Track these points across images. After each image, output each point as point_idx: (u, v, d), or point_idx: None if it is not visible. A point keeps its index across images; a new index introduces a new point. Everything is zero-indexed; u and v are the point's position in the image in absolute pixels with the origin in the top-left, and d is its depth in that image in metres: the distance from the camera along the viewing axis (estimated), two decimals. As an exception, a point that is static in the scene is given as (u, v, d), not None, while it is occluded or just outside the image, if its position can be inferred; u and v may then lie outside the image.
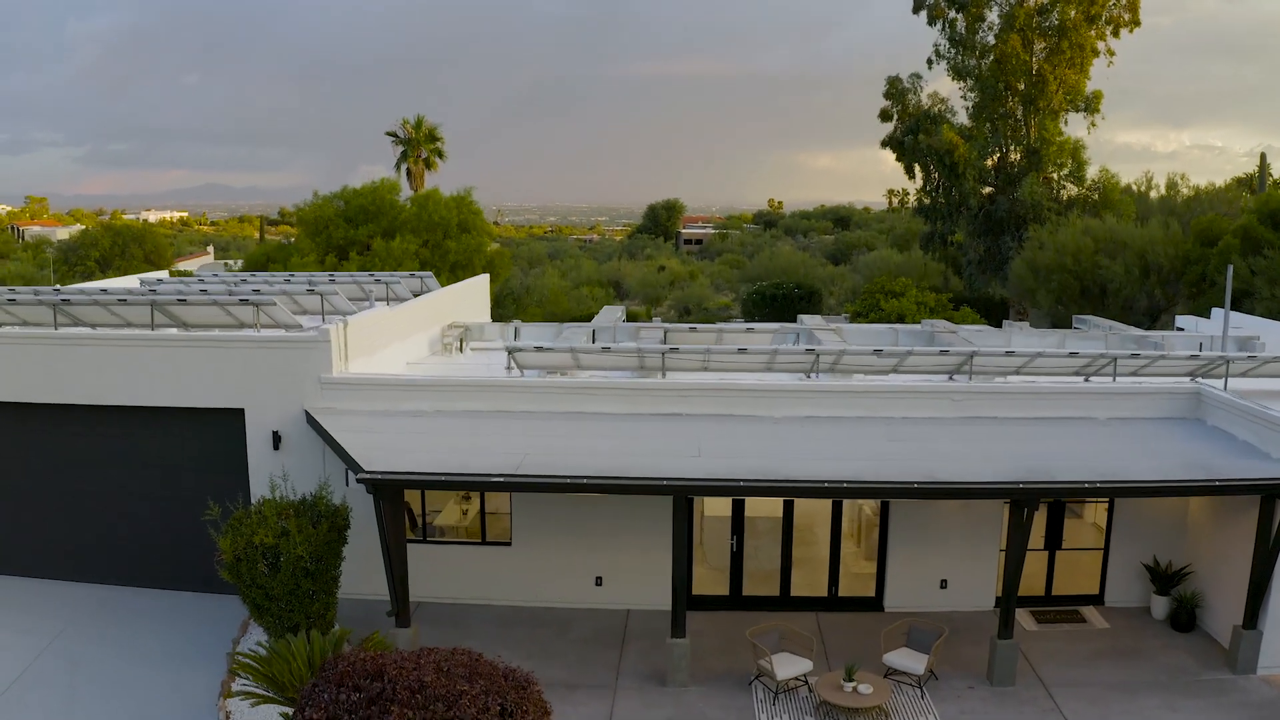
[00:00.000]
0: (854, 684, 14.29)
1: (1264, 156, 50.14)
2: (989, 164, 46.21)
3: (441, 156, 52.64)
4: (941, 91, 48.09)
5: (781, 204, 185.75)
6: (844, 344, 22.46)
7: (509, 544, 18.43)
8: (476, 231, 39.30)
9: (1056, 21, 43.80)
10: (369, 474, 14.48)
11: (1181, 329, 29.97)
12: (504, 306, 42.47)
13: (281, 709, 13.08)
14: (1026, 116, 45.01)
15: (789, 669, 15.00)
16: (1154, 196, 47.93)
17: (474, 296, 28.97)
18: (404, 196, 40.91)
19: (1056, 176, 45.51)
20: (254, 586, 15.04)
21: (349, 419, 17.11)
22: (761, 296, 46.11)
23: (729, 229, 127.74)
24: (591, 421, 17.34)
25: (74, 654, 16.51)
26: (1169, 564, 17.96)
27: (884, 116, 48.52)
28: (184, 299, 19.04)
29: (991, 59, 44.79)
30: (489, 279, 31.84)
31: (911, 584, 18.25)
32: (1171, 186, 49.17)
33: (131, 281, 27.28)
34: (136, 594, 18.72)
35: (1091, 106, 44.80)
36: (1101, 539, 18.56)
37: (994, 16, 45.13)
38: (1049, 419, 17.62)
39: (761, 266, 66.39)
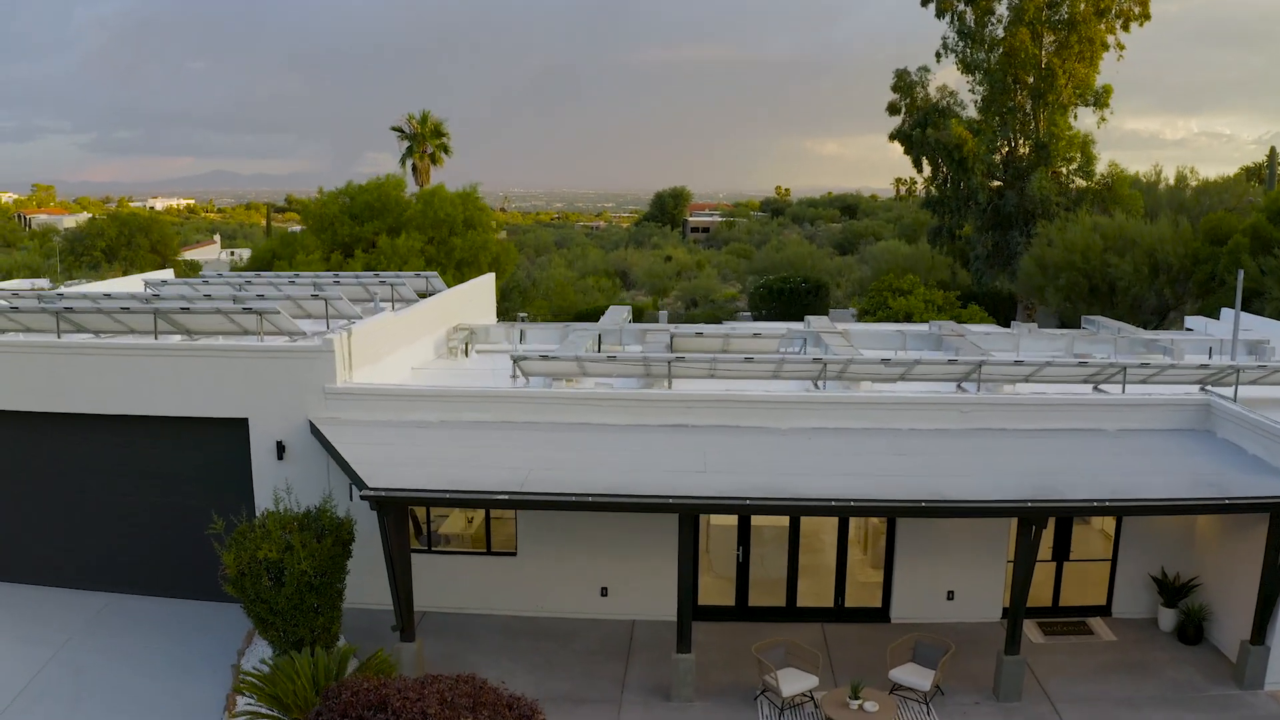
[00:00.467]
0: (860, 701, 14.23)
1: (1274, 150, 49.84)
2: (997, 158, 45.92)
3: (447, 152, 52.47)
4: (950, 84, 47.55)
5: (789, 191, 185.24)
6: (851, 348, 22.34)
7: (514, 554, 18.39)
8: (482, 228, 39.18)
9: (1066, 15, 43.43)
10: (373, 491, 14.43)
11: (1190, 330, 29.83)
12: (510, 300, 42.35)
13: (286, 729, 13.08)
14: (1035, 110, 44.68)
15: (794, 685, 14.95)
16: (1162, 189, 47.64)
17: (480, 296, 28.87)
18: (410, 192, 40.75)
19: (1065, 171, 45.20)
20: (258, 601, 14.98)
21: (353, 430, 17.05)
22: (769, 291, 45.91)
23: (736, 217, 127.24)
24: (597, 433, 17.27)
25: (79, 663, 16.53)
26: (1177, 576, 17.87)
27: (892, 110, 48.22)
28: (187, 308, 18.96)
29: (1000, 52, 44.44)
30: (494, 276, 31.75)
31: (918, 595, 18.19)
32: (1180, 180, 48.90)
33: (135, 282, 27.24)
34: (140, 601, 18.73)
35: (1101, 101, 44.45)
36: (1109, 549, 18.45)
37: (1003, 9, 44.74)
38: (1058, 430, 17.50)
39: (768, 259, 66.15)
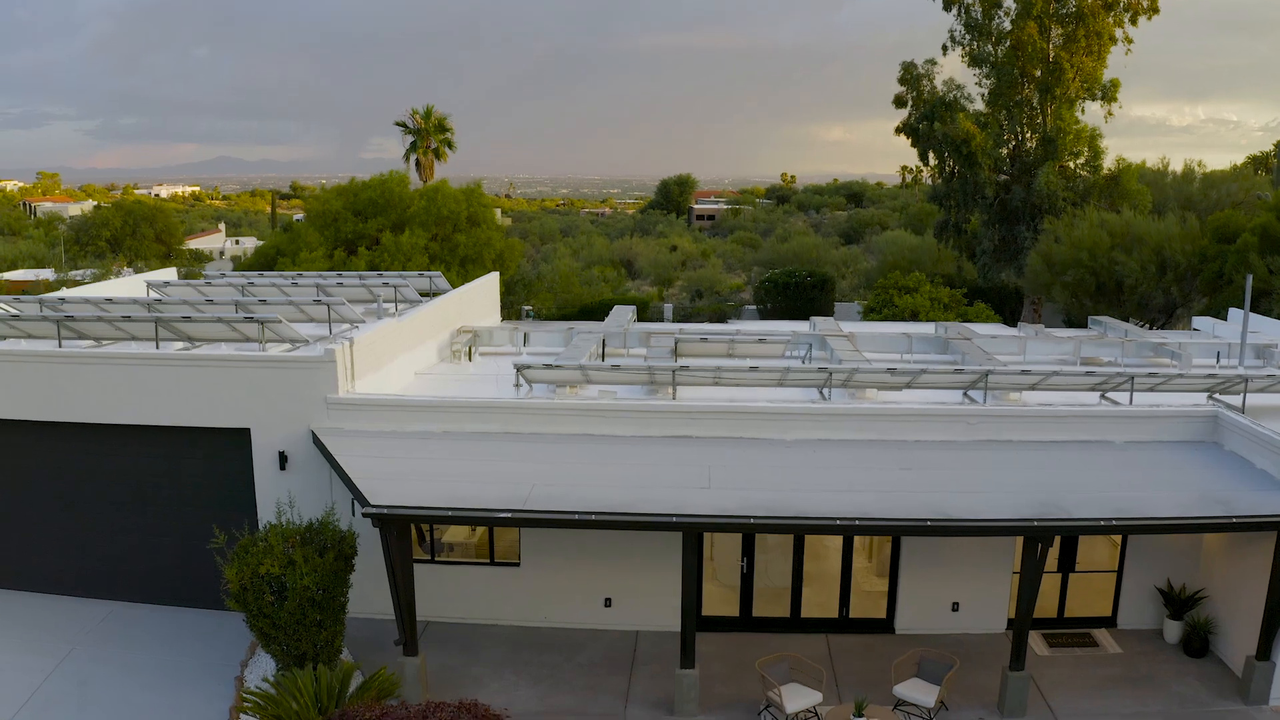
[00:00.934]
0: (864, 719, 14.19)
1: (1280, 143, 49.40)
2: (1004, 152, 45.62)
3: (451, 147, 52.28)
4: (957, 77, 47.12)
5: (794, 178, 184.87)
6: (857, 354, 22.23)
7: (517, 564, 18.34)
8: (486, 225, 39.01)
9: (1074, 8, 43.02)
10: (375, 509, 14.36)
11: (1198, 330, 29.69)
12: (515, 293, 42.20)
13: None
14: (1043, 104, 44.33)
15: (798, 701, 14.89)
16: (1169, 181, 47.31)
17: (483, 295, 28.74)
18: (413, 187, 40.58)
19: (1073, 165, 44.88)
20: (260, 615, 14.95)
21: (355, 441, 16.98)
22: (774, 285, 45.66)
23: (741, 204, 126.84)
24: (601, 445, 17.17)
25: (82, 674, 16.51)
26: (1182, 588, 17.79)
27: (898, 103, 47.84)
28: (189, 316, 18.89)
29: (1008, 45, 44.07)
30: (498, 274, 31.62)
31: (923, 606, 18.13)
32: (1187, 172, 48.56)
33: (138, 284, 27.17)
34: (143, 610, 18.70)
35: (1109, 95, 44.07)
36: (1115, 560, 18.38)
37: (1010, 2, 44.35)
38: (1065, 442, 17.37)
39: (774, 250, 65.83)
